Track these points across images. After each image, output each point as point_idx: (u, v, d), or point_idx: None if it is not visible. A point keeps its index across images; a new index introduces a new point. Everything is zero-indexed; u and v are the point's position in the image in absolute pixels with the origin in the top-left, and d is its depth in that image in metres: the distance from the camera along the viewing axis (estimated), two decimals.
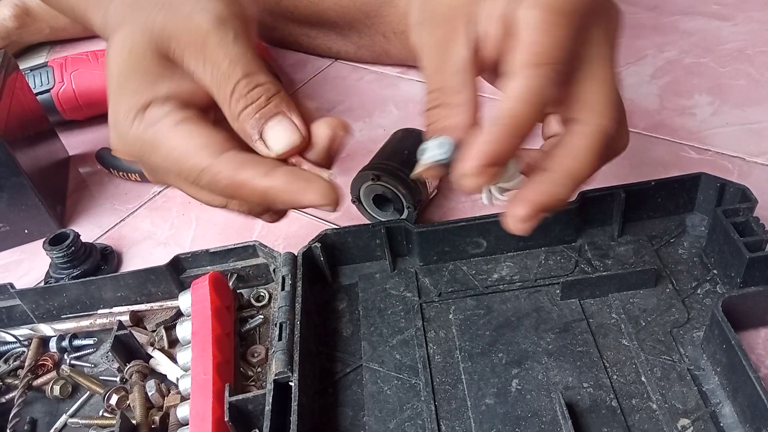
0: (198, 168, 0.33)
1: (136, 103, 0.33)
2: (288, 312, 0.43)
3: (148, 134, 0.33)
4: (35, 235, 0.61)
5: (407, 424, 0.41)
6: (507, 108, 0.30)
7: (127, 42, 0.33)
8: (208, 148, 0.33)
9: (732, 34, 0.74)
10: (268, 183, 0.32)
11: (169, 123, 0.33)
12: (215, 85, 0.33)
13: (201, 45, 0.32)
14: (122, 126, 0.33)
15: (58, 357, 0.48)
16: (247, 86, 0.32)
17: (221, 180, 0.33)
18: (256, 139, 0.33)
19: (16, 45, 0.95)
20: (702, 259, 0.47)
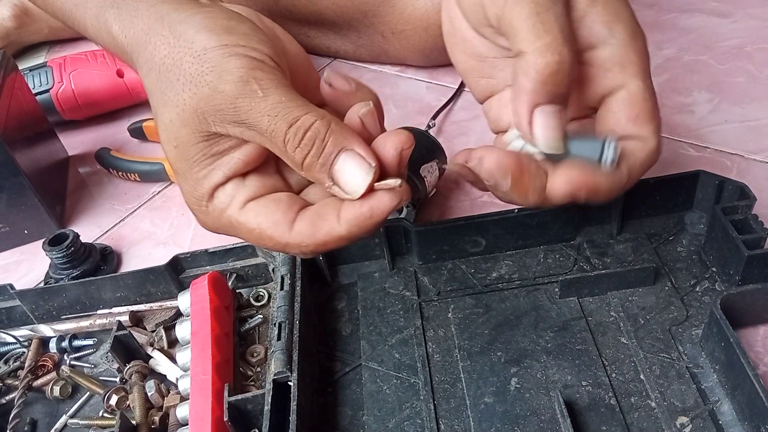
0: (280, 244, 0.34)
1: (202, 194, 0.34)
2: (287, 311, 0.43)
3: (224, 220, 0.34)
4: (35, 235, 0.61)
5: (406, 423, 0.41)
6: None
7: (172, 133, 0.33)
8: (279, 225, 0.33)
9: (731, 31, 0.74)
10: (346, 226, 0.32)
11: (236, 208, 0.34)
12: (267, 144, 0.32)
13: (235, 113, 0.31)
14: (198, 212, 0.35)
15: (58, 358, 0.48)
16: (297, 135, 0.31)
17: (306, 246, 0.33)
18: (330, 186, 0.32)
19: (15, 45, 0.95)
20: (701, 256, 0.47)
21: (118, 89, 0.74)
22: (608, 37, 0.34)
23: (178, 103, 0.32)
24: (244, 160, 0.34)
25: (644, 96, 0.34)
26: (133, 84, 0.74)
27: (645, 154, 0.35)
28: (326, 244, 0.33)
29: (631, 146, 0.35)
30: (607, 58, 0.34)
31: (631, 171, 0.35)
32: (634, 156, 0.35)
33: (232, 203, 0.34)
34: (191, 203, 0.35)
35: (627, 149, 0.35)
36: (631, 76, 0.34)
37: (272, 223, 0.33)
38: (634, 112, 0.34)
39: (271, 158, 0.35)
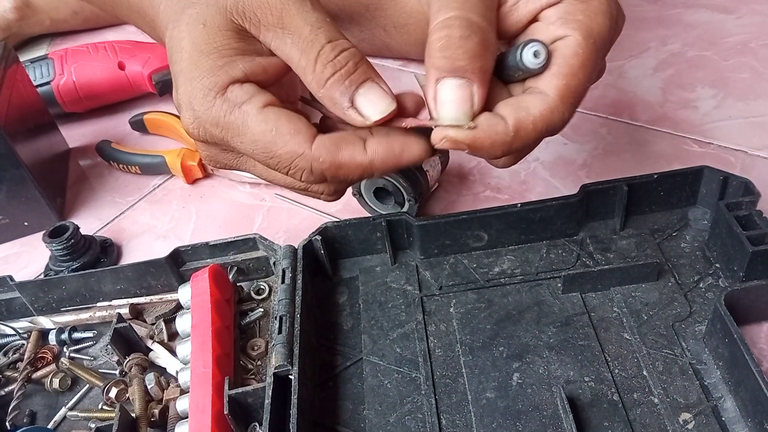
0: (295, 154, 0.32)
1: (215, 83, 0.32)
2: (288, 305, 0.43)
3: (233, 117, 0.32)
4: (35, 227, 0.61)
5: (407, 418, 0.40)
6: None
7: (200, 17, 0.32)
8: (300, 133, 0.32)
9: (735, 27, 0.74)
10: (370, 156, 0.32)
11: (255, 107, 0.32)
12: (297, 53, 0.32)
13: (279, 15, 0.32)
14: (200, 105, 0.33)
15: (57, 350, 0.48)
16: (333, 51, 0.32)
17: (322, 163, 0.32)
18: (347, 107, 0.32)
19: (17, 37, 0.95)
20: (704, 252, 0.47)
21: (120, 82, 0.74)
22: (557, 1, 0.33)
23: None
24: (266, 68, 0.33)
25: (575, 51, 0.32)
26: (134, 76, 0.74)
27: (540, 110, 0.32)
28: (341, 168, 0.32)
29: (528, 99, 0.32)
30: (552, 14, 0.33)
31: (519, 126, 0.32)
32: (527, 110, 0.32)
33: (252, 101, 0.32)
34: (194, 93, 0.33)
35: (522, 102, 0.32)
36: (572, 29, 0.32)
37: (293, 129, 0.32)
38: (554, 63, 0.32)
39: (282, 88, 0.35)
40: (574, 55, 0.32)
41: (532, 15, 0.34)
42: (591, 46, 0.32)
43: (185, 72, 0.33)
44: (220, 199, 0.62)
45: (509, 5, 0.34)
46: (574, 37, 0.32)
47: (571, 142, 0.61)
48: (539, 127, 0.32)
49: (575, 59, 0.32)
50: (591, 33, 0.32)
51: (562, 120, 0.33)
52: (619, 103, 0.65)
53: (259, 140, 0.32)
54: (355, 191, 0.55)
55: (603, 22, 0.33)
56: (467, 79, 0.31)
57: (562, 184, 0.57)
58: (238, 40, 0.33)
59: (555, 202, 0.48)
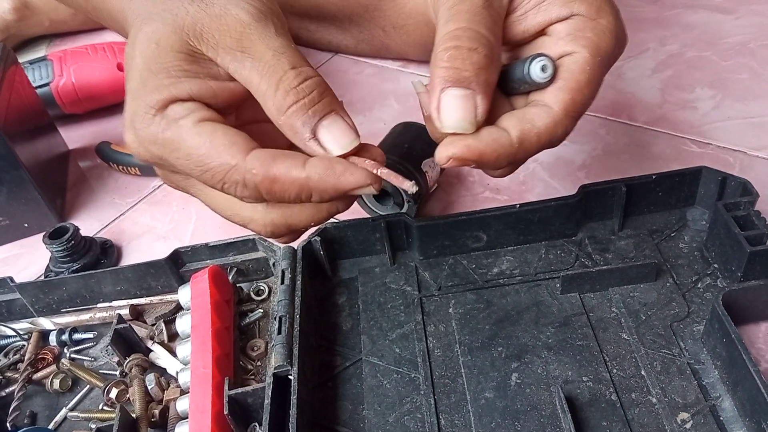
0: (227, 165, 0.31)
1: (157, 101, 0.31)
2: (287, 306, 0.43)
3: (169, 133, 0.31)
4: (35, 229, 0.61)
5: (407, 418, 0.41)
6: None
7: (155, 36, 0.32)
8: (235, 145, 0.31)
9: (734, 27, 0.74)
10: (307, 172, 0.31)
11: (191, 121, 0.31)
12: (257, 77, 0.31)
13: (239, 38, 0.31)
14: (140, 123, 0.32)
15: (57, 351, 0.48)
16: (297, 78, 0.31)
17: (255, 176, 0.31)
18: (308, 138, 0.31)
19: (16, 38, 0.95)
20: (703, 253, 0.47)
21: (119, 83, 0.74)
22: (568, 15, 0.33)
23: (179, 12, 0.32)
24: (216, 91, 0.32)
25: (583, 68, 0.32)
26: None
27: (544, 122, 0.32)
28: (275, 181, 0.31)
29: (532, 112, 0.33)
30: (562, 29, 0.33)
31: (523, 138, 0.32)
32: (531, 122, 0.32)
33: (189, 116, 0.31)
34: (137, 111, 0.32)
35: (527, 115, 0.33)
36: (581, 46, 0.33)
37: (228, 141, 0.31)
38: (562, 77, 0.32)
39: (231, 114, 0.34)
40: (582, 72, 0.32)
41: (541, 27, 0.34)
42: (598, 63, 0.33)
43: (132, 91, 0.32)
44: None
45: (517, 15, 0.34)
46: (582, 54, 0.33)
47: (570, 143, 0.61)
48: (543, 140, 0.33)
49: (582, 75, 0.32)
50: (599, 51, 0.33)
51: (564, 133, 0.33)
52: (617, 104, 0.65)
53: (192, 154, 0.31)
54: None
55: (610, 41, 0.33)
56: (472, 90, 0.31)
57: (561, 185, 0.57)
58: (190, 63, 0.32)
59: (554, 203, 0.48)
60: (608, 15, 0.33)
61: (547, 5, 0.33)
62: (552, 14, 0.33)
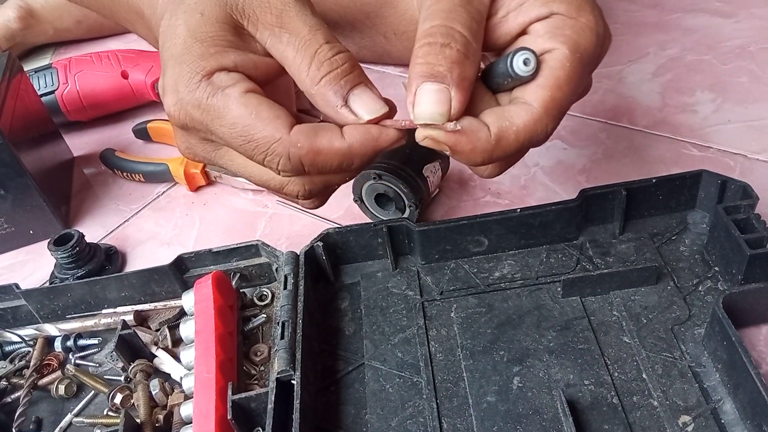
0: (272, 138, 0.32)
1: (204, 67, 0.33)
2: (290, 311, 0.43)
3: (215, 100, 0.33)
4: (40, 235, 0.62)
5: (409, 422, 0.41)
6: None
7: (199, 7, 0.33)
8: (279, 119, 0.33)
9: (734, 31, 0.74)
10: (348, 141, 0.33)
11: (238, 91, 0.33)
12: (293, 51, 0.33)
13: (279, 15, 0.33)
14: (184, 88, 0.33)
15: (63, 357, 0.49)
16: (331, 51, 0.33)
17: (300, 149, 0.32)
18: (340, 106, 0.33)
19: (21, 46, 0.96)
20: (703, 256, 0.47)
21: (123, 90, 0.75)
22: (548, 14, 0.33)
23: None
24: (257, 64, 0.34)
25: (563, 64, 0.32)
26: (137, 85, 0.74)
27: (523, 120, 0.32)
28: (319, 154, 0.33)
29: (512, 110, 0.33)
30: (541, 27, 0.33)
31: (501, 135, 0.32)
32: (510, 120, 0.32)
33: (236, 86, 0.33)
34: (181, 75, 0.33)
35: (507, 112, 0.33)
36: (560, 43, 0.33)
37: (273, 114, 0.33)
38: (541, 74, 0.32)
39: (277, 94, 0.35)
40: (561, 68, 0.32)
41: (521, 28, 0.34)
42: (577, 60, 0.33)
43: (176, 56, 0.33)
44: (223, 206, 0.63)
45: (498, 17, 0.35)
46: (561, 51, 0.32)
47: (571, 147, 0.62)
48: (521, 138, 0.33)
49: (561, 72, 0.32)
50: (578, 48, 0.33)
51: (545, 132, 0.33)
52: (618, 108, 0.65)
53: (237, 123, 0.33)
54: (356, 197, 0.55)
55: (590, 39, 0.33)
56: (446, 85, 0.31)
57: (562, 189, 0.57)
58: (234, 35, 0.33)
59: (554, 207, 0.48)
60: (588, 13, 0.33)
61: (527, 6, 0.34)
62: (532, 14, 0.33)
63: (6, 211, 0.59)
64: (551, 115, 0.33)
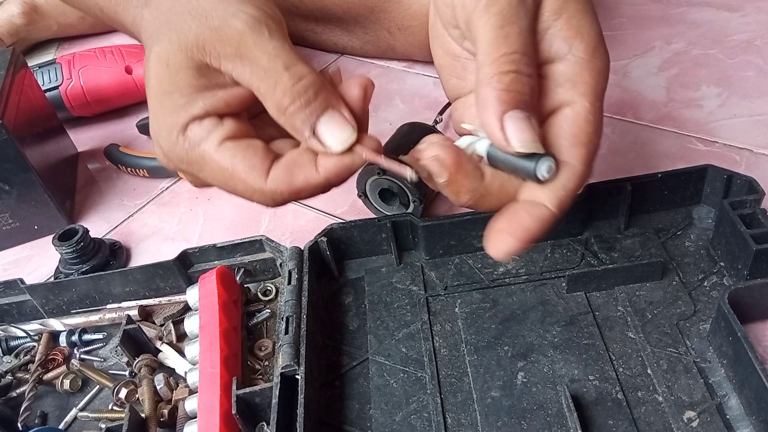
0: (251, 189, 0.34)
1: (177, 123, 0.34)
2: (294, 306, 0.44)
3: (194, 154, 0.34)
4: (44, 231, 0.62)
5: (413, 417, 0.41)
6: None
7: (163, 56, 0.33)
8: (254, 170, 0.33)
9: (740, 25, 0.73)
10: (323, 175, 0.33)
11: (213, 143, 0.33)
12: (256, 81, 0.33)
13: (237, 46, 0.32)
14: (166, 143, 0.34)
15: (67, 351, 0.49)
16: (291, 78, 0.32)
17: (281, 194, 0.33)
18: (308, 136, 0.33)
19: (25, 42, 0.96)
20: (709, 251, 0.47)
21: (127, 86, 0.75)
22: (566, 53, 0.33)
23: (182, 29, 0.33)
24: (227, 100, 0.34)
25: (587, 118, 0.33)
26: (141, 80, 0.74)
27: (573, 183, 0.33)
28: (300, 192, 0.34)
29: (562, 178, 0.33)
30: (561, 73, 0.34)
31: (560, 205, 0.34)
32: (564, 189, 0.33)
33: (209, 138, 0.34)
34: (161, 132, 0.34)
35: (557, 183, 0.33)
36: (580, 95, 0.33)
37: (248, 166, 0.33)
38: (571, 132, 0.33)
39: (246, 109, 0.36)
40: (587, 122, 0.33)
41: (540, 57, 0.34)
42: (598, 108, 0.33)
43: (153, 111, 0.34)
44: (227, 202, 0.63)
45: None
46: (582, 105, 0.33)
47: None
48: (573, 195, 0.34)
49: (589, 126, 0.33)
50: (596, 95, 0.33)
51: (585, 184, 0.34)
52: (623, 103, 0.65)
53: (218, 176, 0.34)
54: (360, 192, 0.55)
55: (603, 81, 0.34)
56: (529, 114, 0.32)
57: None
58: (199, 77, 0.33)
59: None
60: (602, 54, 0.34)
61: (550, 36, 0.33)
62: (553, 47, 0.34)
63: (11, 206, 0.59)
64: (590, 167, 0.34)
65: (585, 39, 0.33)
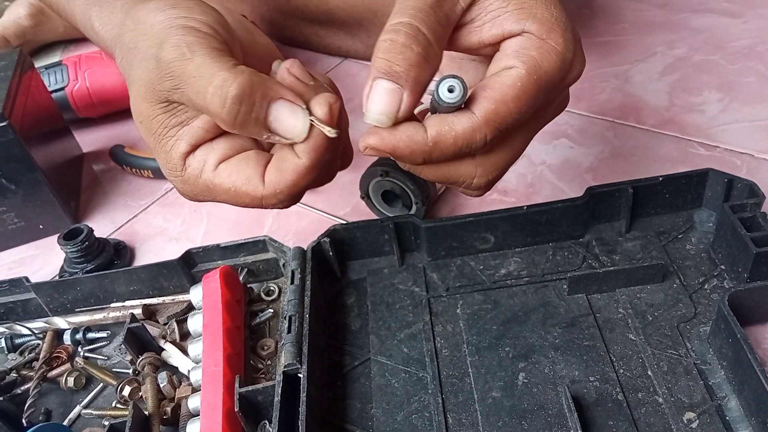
0: (256, 199, 0.35)
1: (174, 165, 0.35)
2: (297, 305, 0.44)
3: (200, 184, 0.35)
4: (50, 230, 0.62)
5: (414, 417, 0.41)
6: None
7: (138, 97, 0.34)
8: (251, 180, 0.34)
9: (742, 31, 0.74)
10: (306, 156, 0.33)
11: (209, 171, 0.35)
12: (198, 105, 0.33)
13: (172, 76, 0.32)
14: (175, 180, 0.36)
15: (72, 349, 0.49)
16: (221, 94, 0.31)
17: (282, 193, 0.34)
18: (268, 137, 0.33)
19: (32, 44, 0.96)
20: (709, 254, 0.47)
21: None
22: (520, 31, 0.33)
23: (136, 79, 0.34)
24: (204, 128, 0.35)
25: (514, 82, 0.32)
26: None
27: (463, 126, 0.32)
28: (297, 184, 0.34)
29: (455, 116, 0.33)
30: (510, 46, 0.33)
31: (439, 138, 0.33)
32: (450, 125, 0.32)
33: (205, 168, 0.35)
34: (168, 174, 0.36)
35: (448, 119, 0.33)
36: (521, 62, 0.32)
37: (245, 179, 0.34)
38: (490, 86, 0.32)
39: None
40: (512, 86, 0.32)
41: (495, 40, 0.34)
42: (533, 81, 0.33)
43: (155, 155, 0.36)
44: None
45: (475, 26, 0.34)
46: (517, 69, 0.33)
47: (578, 145, 0.62)
48: (459, 143, 0.33)
49: (511, 89, 0.32)
50: (537, 69, 0.33)
51: (483, 141, 0.33)
52: (625, 107, 0.66)
53: (227, 197, 0.35)
54: (363, 194, 0.56)
55: (554, 62, 0.33)
56: (399, 86, 0.32)
57: (569, 187, 0.58)
58: (171, 116, 0.34)
59: (561, 205, 0.48)
60: (558, 36, 0.33)
61: (501, 19, 0.34)
62: (505, 28, 0.34)
63: (17, 205, 0.60)
64: (491, 127, 0.33)
65: (538, 20, 0.33)
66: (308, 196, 0.62)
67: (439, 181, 0.38)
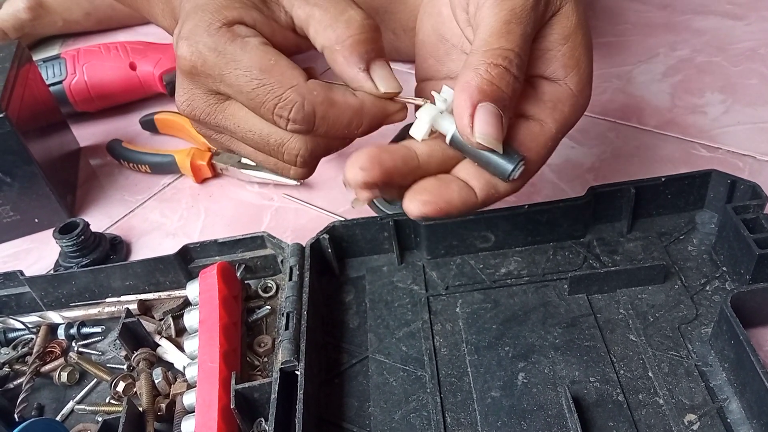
0: (289, 83, 0.33)
1: (225, 16, 0.33)
2: (295, 302, 0.43)
3: (233, 46, 0.33)
4: (45, 224, 0.62)
5: (412, 416, 0.41)
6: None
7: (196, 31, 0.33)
8: (297, 69, 0.33)
9: (745, 33, 0.74)
10: (361, 98, 0.34)
11: (258, 41, 0.33)
12: (320, 12, 0.33)
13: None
14: (203, 32, 0.33)
15: (66, 344, 0.49)
16: (361, 15, 0.33)
17: (315, 97, 0.33)
18: (362, 68, 0.33)
19: (30, 37, 0.96)
20: (711, 255, 0.47)
21: (131, 82, 0.75)
22: (560, 80, 0.35)
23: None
24: (274, 32, 0.35)
25: (546, 143, 0.34)
26: (145, 77, 0.74)
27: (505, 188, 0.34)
28: (333, 104, 0.33)
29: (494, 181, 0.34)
30: (547, 92, 0.35)
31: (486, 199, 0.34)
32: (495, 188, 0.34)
33: (256, 37, 0.34)
34: (199, 23, 0.33)
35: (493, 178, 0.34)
36: (554, 119, 0.34)
37: (291, 65, 0.33)
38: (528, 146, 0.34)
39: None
40: (545, 147, 0.34)
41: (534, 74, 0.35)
42: (558, 141, 0.35)
43: (200, 6, 0.34)
44: (229, 199, 0.63)
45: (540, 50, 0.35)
46: (549, 128, 0.34)
47: (579, 145, 0.61)
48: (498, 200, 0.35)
49: (544, 150, 0.34)
50: (566, 127, 0.35)
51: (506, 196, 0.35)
52: (627, 108, 0.65)
53: (254, 67, 0.33)
54: None
55: (579, 115, 0.35)
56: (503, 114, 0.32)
57: (570, 187, 0.57)
58: (262, 3, 0.34)
59: (562, 204, 0.48)
60: (589, 90, 0.35)
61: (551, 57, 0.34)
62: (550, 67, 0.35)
63: (12, 199, 0.59)
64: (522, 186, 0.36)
65: (580, 74, 0.35)
66: (307, 192, 0.62)
67: None
